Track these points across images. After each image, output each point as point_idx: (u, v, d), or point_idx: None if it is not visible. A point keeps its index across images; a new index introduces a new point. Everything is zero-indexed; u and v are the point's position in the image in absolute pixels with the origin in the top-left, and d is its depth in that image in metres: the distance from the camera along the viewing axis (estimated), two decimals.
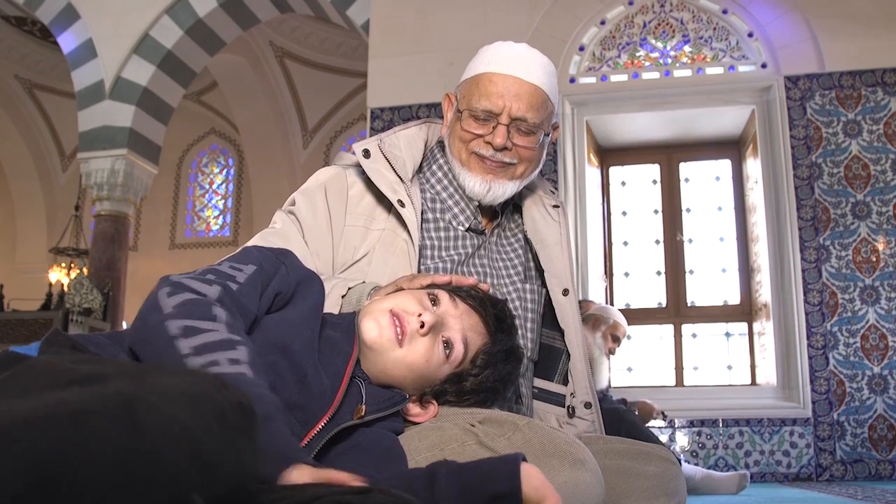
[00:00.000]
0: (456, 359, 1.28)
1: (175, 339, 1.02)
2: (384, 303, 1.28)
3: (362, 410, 1.20)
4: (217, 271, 1.19)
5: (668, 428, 4.81)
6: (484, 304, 1.34)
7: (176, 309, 1.07)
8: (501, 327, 1.34)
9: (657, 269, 5.57)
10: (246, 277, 1.20)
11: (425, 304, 1.27)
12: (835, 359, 4.64)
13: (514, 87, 1.63)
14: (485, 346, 1.31)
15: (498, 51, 1.70)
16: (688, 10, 5.30)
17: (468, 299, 1.33)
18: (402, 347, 1.25)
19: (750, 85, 5.12)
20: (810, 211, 4.80)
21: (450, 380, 1.30)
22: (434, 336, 1.26)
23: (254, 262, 1.23)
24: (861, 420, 4.57)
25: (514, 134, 1.63)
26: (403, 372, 1.26)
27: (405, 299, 1.28)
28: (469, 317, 1.31)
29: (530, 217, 1.79)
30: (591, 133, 5.48)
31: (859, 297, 4.69)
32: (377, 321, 1.25)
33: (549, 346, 1.76)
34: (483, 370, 1.31)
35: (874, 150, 4.82)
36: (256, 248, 1.30)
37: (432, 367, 1.27)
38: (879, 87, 4.88)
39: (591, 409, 1.69)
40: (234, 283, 1.18)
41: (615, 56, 5.32)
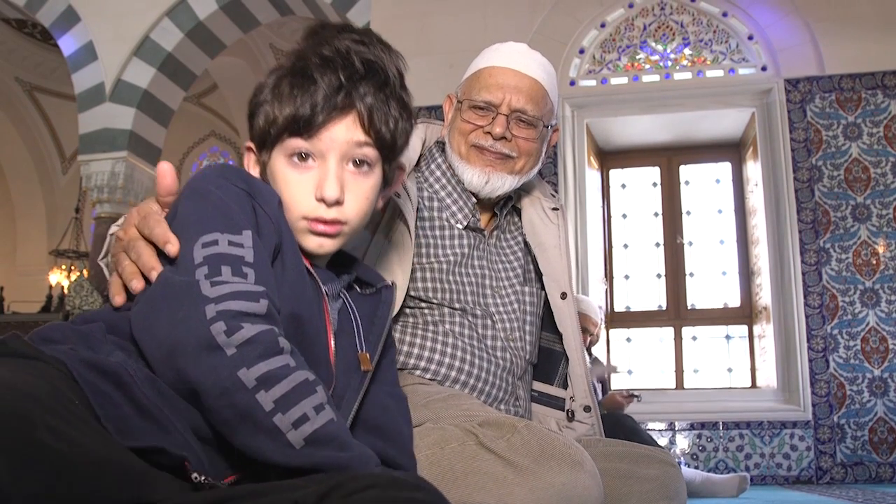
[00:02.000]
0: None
1: (255, 392, 0.92)
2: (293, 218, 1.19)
3: (368, 360, 1.18)
4: (225, 257, 1.02)
5: (668, 431, 4.81)
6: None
7: (242, 349, 0.93)
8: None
9: (657, 272, 5.57)
10: (254, 256, 1.05)
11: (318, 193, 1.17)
12: (835, 361, 4.64)
13: (513, 80, 1.66)
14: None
15: (499, 48, 1.73)
16: (688, 13, 5.30)
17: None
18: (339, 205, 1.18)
19: (750, 88, 5.12)
20: (810, 214, 4.80)
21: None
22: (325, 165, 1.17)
23: (242, 223, 1.07)
24: (861, 423, 4.57)
25: (513, 125, 1.65)
26: (359, 223, 1.21)
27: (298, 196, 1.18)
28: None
29: (529, 220, 1.79)
30: (591, 136, 5.48)
31: (859, 299, 4.69)
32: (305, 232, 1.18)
33: (548, 349, 1.76)
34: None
35: (874, 153, 4.82)
36: (218, 191, 1.10)
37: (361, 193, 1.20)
38: (879, 90, 4.88)
39: (591, 412, 1.70)
40: (250, 268, 1.03)
41: (615, 59, 5.32)
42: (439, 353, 1.55)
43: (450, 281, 1.60)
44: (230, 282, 0.99)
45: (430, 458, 1.25)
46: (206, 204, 1.08)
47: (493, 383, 1.57)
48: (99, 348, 0.99)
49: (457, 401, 1.42)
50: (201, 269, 1.00)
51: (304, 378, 0.95)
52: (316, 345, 1.14)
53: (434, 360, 1.55)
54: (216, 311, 0.95)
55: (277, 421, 0.91)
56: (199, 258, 1.01)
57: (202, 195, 1.10)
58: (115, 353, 0.98)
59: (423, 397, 1.44)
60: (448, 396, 1.44)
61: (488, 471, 1.20)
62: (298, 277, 1.14)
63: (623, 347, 5.56)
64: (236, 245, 1.04)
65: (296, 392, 0.94)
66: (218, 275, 0.99)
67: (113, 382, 0.92)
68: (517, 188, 1.73)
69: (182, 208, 1.10)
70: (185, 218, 1.08)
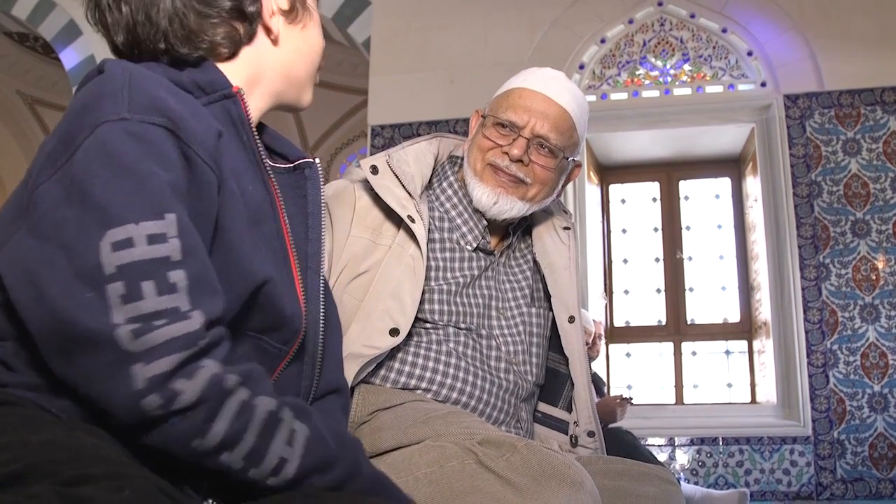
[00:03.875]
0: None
1: (218, 455, 0.80)
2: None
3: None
4: (145, 267, 0.79)
5: (667, 446, 4.80)
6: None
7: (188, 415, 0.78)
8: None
9: (657, 287, 5.57)
10: (182, 247, 0.82)
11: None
12: (835, 377, 4.64)
13: (541, 105, 1.63)
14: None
15: (535, 71, 1.70)
16: (687, 29, 5.32)
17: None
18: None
19: (749, 103, 5.13)
20: (810, 229, 4.80)
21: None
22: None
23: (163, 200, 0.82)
24: (861, 438, 4.56)
25: (533, 151, 1.62)
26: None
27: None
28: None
29: (540, 240, 1.78)
30: (591, 151, 5.49)
31: (859, 315, 4.69)
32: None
33: (554, 370, 1.75)
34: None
35: (873, 169, 4.83)
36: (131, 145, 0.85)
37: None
38: (878, 106, 4.89)
39: (594, 437, 1.69)
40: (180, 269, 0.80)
41: (615, 74, 5.33)
42: (441, 374, 1.54)
43: (456, 303, 1.59)
44: (156, 314, 0.78)
45: (430, 477, 1.24)
46: (114, 173, 0.82)
47: (494, 405, 1.57)
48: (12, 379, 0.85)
49: (457, 418, 1.42)
50: (114, 287, 0.77)
51: (266, 413, 0.82)
52: (277, 276, 1.00)
53: (436, 381, 1.54)
54: (146, 379, 0.76)
55: (254, 475, 0.82)
56: (110, 268, 0.78)
57: (108, 156, 0.83)
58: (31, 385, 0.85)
59: (423, 414, 1.43)
60: (448, 413, 1.44)
61: (488, 490, 1.19)
62: (247, 198, 0.99)
63: (622, 362, 5.55)
64: (158, 240, 0.81)
65: (262, 437, 0.82)
66: (137, 298, 0.77)
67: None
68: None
69: (79, 171, 0.83)
70: (84, 190, 0.81)
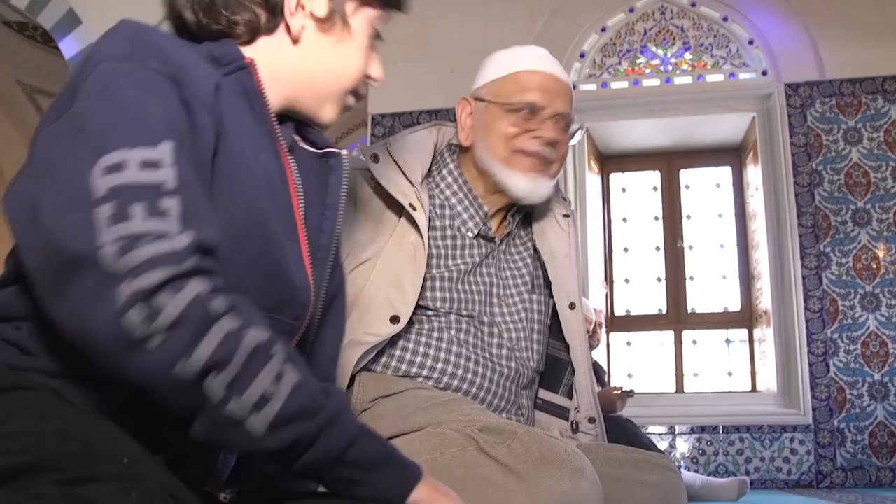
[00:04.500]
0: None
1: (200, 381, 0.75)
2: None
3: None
4: (136, 189, 0.77)
5: (668, 435, 4.81)
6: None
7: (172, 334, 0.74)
8: None
9: (657, 276, 5.57)
10: (177, 177, 0.81)
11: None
12: (835, 366, 4.64)
13: (554, 84, 1.63)
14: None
15: (528, 51, 1.68)
16: (688, 18, 5.30)
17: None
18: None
19: (750, 92, 5.12)
20: (811, 218, 4.80)
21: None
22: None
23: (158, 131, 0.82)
24: (861, 427, 4.57)
25: (558, 130, 1.63)
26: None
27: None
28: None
29: (540, 227, 1.77)
30: (591, 140, 5.48)
31: (860, 304, 4.69)
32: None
33: (554, 357, 1.75)
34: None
35: (874, 158, 4.82)
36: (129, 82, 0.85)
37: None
38: (880, 95, 4.89)
39: (595, 423, 1.69)
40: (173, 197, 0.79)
41: (616, 63, 5.32)
42: (442, 361, 1.54)
43: (458, 290, 1.59)
44: (143, 235, 0.76)
45: (431, 464, 1.25)
46: (112, 103, 0.83)
47: (494, 392, 1.56)
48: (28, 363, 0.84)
49: (458, 405, 1.42)
50: (103, 209, 0.76)
51: (255, 343, 0.78)
52: (285, 243, 0.98)
53: (437, 369, 1.53)
54: (128, 295, 0.73)
55: (233, 408, 0.76)
56: (101, 190, 0.77)
57: (106, 89, 0.84)
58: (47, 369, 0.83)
59: (424, 401, 1.43)
60: (449, 401, 1.43)
61: (489, 477, 1.20)
62: (255, 164, 0.97)
63: (623, 351, 5.56)
64: (151, 166, 0.80)
65: (248, 367, 0.77)
66: (126, 218, 0.76)
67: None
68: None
69: (79, 107, 0.83)
70: (81, 122, 0.82)
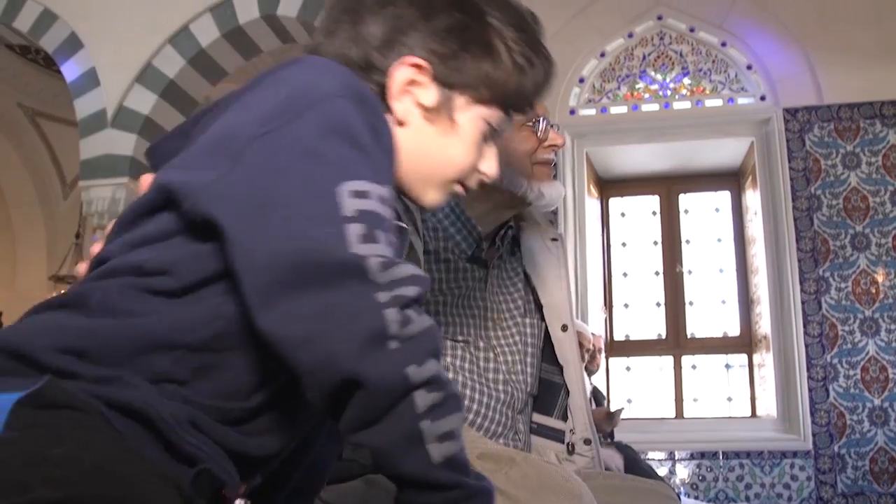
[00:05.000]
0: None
1: (414, 391, 0.78)
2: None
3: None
4: (378, 219, 0.82)
5: (667, 461, 4.79)
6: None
7: (409, 345, 0.78)
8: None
9: (657, 301, 5.56)
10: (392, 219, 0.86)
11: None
12: (835, 391, 4.63)
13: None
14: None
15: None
16: (687, 43, 5.33)
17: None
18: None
19: (749, 117, 5.14)
20: (809, 242, 4.80)
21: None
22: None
23: (387, 174, 0.89)
24: (862, 453, 4.55)
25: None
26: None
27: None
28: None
29: (529, 250, 1.78)
30: (590, 164, 5.49)
31: (859, 328, 4.68)
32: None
33: (548, 380, 1.75)
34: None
35: (873, 182, 4.83)
36: (365, 122, 0.89)
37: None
38: (878, 120, 4.90)
39: (591, 445, 1.68)
40: (392, 236, 0.84)
41: (615, 88, 5.34)
42: None
43: (453, 314, 1.58)
44: (393, 260, 0.81)
45: None
46: (348, 141, 0.86)
47: (492, 418, 1.56)
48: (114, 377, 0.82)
49: None
50: (354, 227, 0.80)
51: (455, 390, 0.83)
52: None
53: None
54: (390, 297, 0.78)
55: (425, 428, 0.79)
56: (350, 210, 0.81)
57: (336, 123, 0.87)
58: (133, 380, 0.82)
59: None
60: None
61: None
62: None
63: (622, 376, 5.54)
64: (386, 202, 0.85)
65: (449, 403, 0.81)
66: (373, 240, 0.80)
67: (141, 423, 0.81)
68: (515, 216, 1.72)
69: (314, 139, 0.86)
70: (320, 154, 0.84)
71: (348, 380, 0.77)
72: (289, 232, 0.79)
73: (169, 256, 0.86)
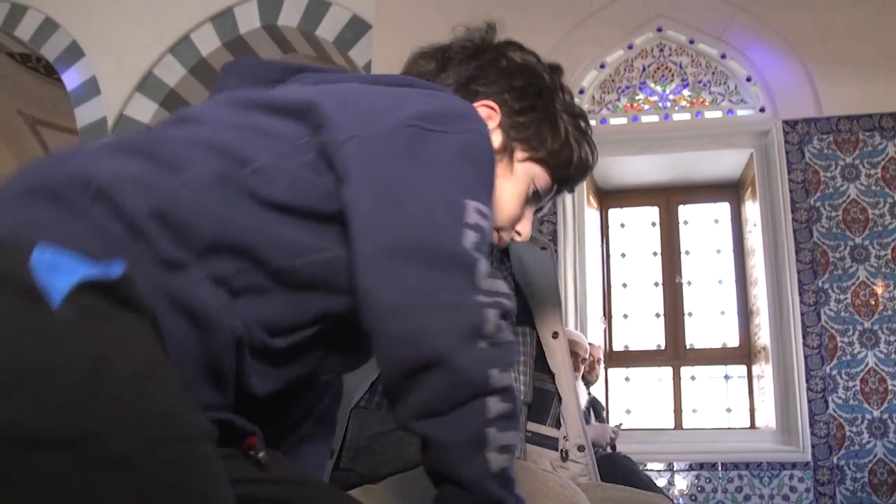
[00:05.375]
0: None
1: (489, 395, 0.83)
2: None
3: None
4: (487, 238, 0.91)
5: (666, 471, 4.78)
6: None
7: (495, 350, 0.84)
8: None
9: (656, 312, 5.56)
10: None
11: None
12: (834, 402, 4.62)
13: None
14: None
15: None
16: (687, 55, 5.35)
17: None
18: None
19: (748, 129, 5.15)
20: (809, 254, 4.81)
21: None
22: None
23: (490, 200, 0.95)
24: (861, 464, 4.54)
25: None
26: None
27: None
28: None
29: (518, 261, 1.79)
30: (590, 175, 5.48)
31: (858, 340, 4.68)
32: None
33: (540, 388, 1.76)
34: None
35: (872, 194, 4.84)
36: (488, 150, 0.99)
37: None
38: (877, 132, 4.91)
39: (584, 451, 1.69)
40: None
41: (615, 99, 5.35)
42: None
43: None
44: (495, 273, 0.88)
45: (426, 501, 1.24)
46: (478, 173, 0.95)
47: None
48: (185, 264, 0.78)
49: None
50: (471, 234, 0.87)
51: (520, 408, 0.92)
52: None
53: None
54: (491, 301, 0.84)
55: (489, 434, 0.83)
56: (472, 220, 0.88)
57: (478, 159, 0.96)
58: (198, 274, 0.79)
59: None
60: None
61: None
62: None
63: (621, 387, 5.54)
64: (490, 229, 0.94)
65: (514, 418, 0.85)
66: (481, 252, 0.88)
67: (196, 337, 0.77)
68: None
69: (454, 157, 0.94)
70: (455, 175, 0.92)
71: (434, 360, 0.80)
72: (418, 211, 0.85)
73: (286, 169, 0.87)
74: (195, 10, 6.63)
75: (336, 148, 0.88)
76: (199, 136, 0.88)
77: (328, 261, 0.87)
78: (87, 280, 0.67)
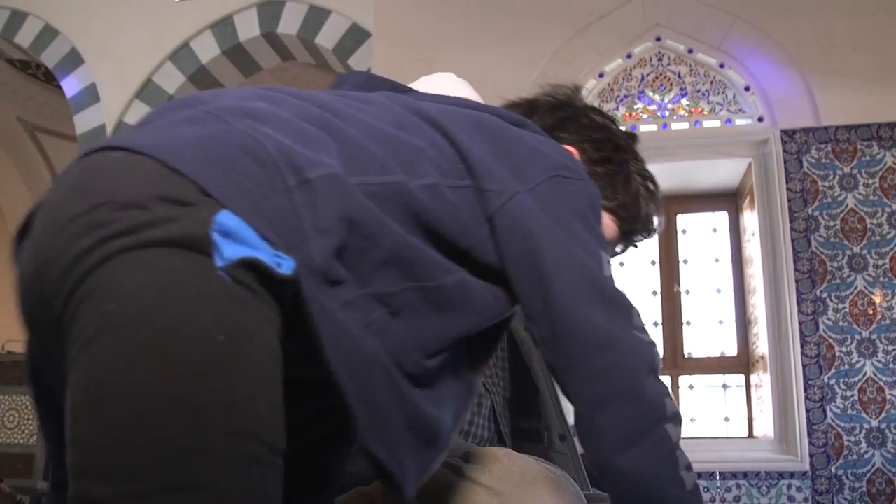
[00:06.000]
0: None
1: (667, 423, 0.96)
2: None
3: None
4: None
5: None
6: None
7: (660, 384, 0.97)
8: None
9: (654, 321, 5.55)
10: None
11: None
12: (832, 412, 4.62)
13: None
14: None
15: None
16: (685, 64, 5.36)
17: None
18: None
19: (747, 138, 5.16)
20: (807, 263, 4.81)
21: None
22: None
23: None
24: (859, 474, 4.54)
25: None
26: None
27: None
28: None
29: None
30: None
31: (856, 349, 4.68)
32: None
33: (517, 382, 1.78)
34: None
35: (870, 204, 4.84)
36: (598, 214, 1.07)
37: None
38: (875, 142, 4.92)
39: (566, 441, 1.71)
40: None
41: (613, 108, 5.36)
42: None
43: None
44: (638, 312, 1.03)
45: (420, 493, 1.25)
46: (596, 220, 1.05)
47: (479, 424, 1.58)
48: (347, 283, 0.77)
49: None
50: (611, 282, 1.01)
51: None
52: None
53: None
54: (651, 339, 1.00)
55: (679, 456, 0.95)
56: (608, 269, 1.02)
57: (596, 213, 1.06)
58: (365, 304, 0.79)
59: None
60: None
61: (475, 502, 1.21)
62: None
63: None
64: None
65: (680, 439, 0.97)
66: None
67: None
68: None
69: (583, 209, 1.02)
70: (588, 211, 1.02)
71: (628, 392, 0.91)
72: (590, 259, 0.96)
73: (446, 197, 0.89)
74: (195, 17, 6.65)
75: (502, 202, 0.94)
76: (377, 128, 0.89)
77: (461, 281, 0.90)
78: (255, 260, 0.68)
